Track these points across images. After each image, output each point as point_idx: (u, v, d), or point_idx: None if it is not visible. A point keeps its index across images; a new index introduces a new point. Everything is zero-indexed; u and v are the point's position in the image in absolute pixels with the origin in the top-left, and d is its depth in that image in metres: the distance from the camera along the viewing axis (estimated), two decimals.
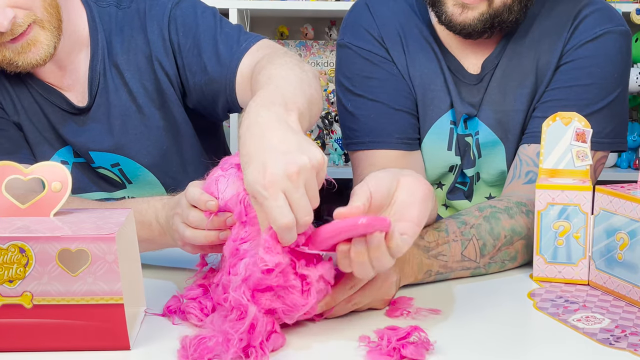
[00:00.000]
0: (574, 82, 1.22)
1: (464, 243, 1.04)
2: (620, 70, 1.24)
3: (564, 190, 1.02)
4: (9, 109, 1.22)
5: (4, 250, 0.78)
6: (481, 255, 1.06)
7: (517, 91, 1.26)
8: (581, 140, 1.05)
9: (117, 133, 1.24)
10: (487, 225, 1.07)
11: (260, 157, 0.79)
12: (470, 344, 0.85)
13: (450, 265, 1.04)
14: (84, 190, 1.27)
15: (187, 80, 1.23)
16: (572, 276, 1.04)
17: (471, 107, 1.28)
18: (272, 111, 0.84)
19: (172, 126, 1.26)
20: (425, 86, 1.30)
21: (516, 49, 1.27)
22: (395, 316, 0.93)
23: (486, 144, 1.29)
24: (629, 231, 0.95)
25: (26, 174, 0.86)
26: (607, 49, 1.23)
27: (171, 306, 0.93)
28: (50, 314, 0.80)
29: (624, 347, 0.83)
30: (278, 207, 0.78)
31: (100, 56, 1.22)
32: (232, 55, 1.18)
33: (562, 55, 1.24)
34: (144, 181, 1.28)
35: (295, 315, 0.83)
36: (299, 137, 0.82)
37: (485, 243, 1.06)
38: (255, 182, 0.78)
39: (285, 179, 0.78)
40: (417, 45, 1.31)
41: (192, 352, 0.79)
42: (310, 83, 1.00)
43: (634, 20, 2.59)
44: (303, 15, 2.86)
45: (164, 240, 1.04)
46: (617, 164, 2.80)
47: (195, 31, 1.21)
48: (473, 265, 1.06)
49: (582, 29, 1.24)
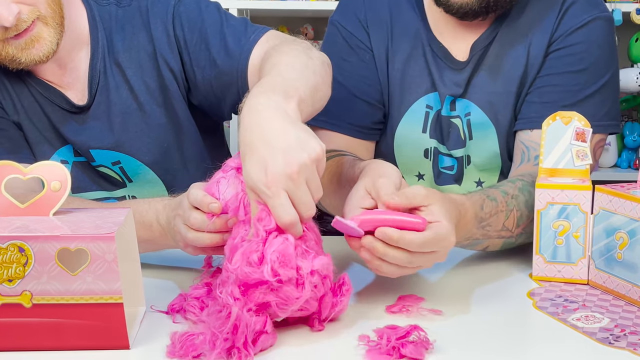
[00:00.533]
0: (566, 68, 1.25)
1: (507, 214, 1.07)
2: (609, 54, 1.27)
3: (563, 189, 1.02)
4: (9, 109, 1.22)
5: (4, 249, 0.78)
6: (517, 226, 1.08)
7: (509, 74, 1.28)
8: (581, 139, 1.05)
9: (117, 131, 1.24)
10: (522, 196, 1.10)
11: (261, 153, 0.82)
12: (470, 343, 0.85)
13: (490, 234, 1.06)
14: (84, 189, 1.27)
15: (194, 76, 1.23)
16: (571, 275, 1.04)
17: (456, 87, 1.30)
18: (271, 99, 0.86)
19: (175, 123, 1.27)
20: (405, 71, 1.33)
21: (509, 33, 1.28)
22: (394, 312, 0.93)
23: (477, 124, 1.30)
24: (629, 230, 0.95)
25: (25, 173, 0.86)
26: (596, 35, 1.26)
27: (175, 304, 0.93)
28: (49, 314, 0.80)
29: (624, 346, 0.83)
30: (281, 206, 0.81)
31: (101, 54, 1.22)
32: (242, 47, 1.18)
33: (552, 42, 1.27)
34: (145, 179, 1.28)
35: (290, 309, 0.83)
36: (297, 128, 0.84)
37: (522, 214, 1.08)
38: (257, 180, 0.81)
39: (286, 179, 0.81)
40: (403, 30, 1.34)
41: (178, 348, 0.79)
42: (316, 70, 1.01)
43: (634, 20, 2.59)
44: (303, 15, 2.86)
45: (165, 241, 1.05)
46: (617, 163, 2.80)
47: (201, 26, 1.21)
48: (507, 235, 1.07)
49: (569, 16, 1.27)
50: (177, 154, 1.29)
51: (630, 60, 2.69)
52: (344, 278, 0.89)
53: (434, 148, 1.34)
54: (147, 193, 1.28)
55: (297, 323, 0.88)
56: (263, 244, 0.81)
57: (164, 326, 0.89)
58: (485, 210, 1.04)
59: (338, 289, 0.89)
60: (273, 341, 0.83)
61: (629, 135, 2.76)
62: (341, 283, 0.89)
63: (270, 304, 0.82)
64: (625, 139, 2.77)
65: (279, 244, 0.81)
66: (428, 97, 1.32)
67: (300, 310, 0.84)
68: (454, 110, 1.31)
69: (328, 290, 0.87)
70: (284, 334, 0.86)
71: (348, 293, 0.89)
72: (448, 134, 1.32)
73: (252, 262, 0.81)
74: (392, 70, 1.33)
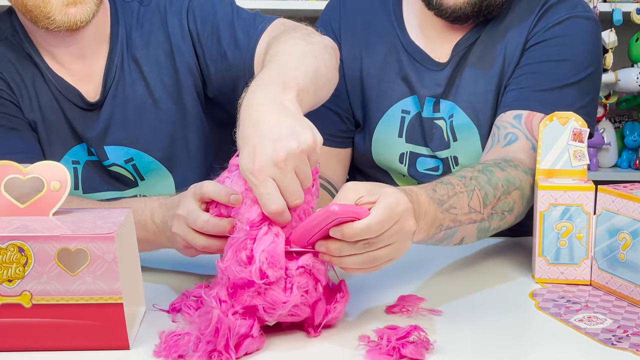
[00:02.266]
0: (545, 58, 1.24)
1: (469, 194, 1.04)
2: (591, 50, 1.26)
3: (566, 190, 1.01)
4: (26, 107, 1.22)
5: (3, 249, 0.78)
6: (484, 206, 1.05)
7: (488, 73, 1.28)
8: (578, 140, 1.05)
9: (131, 126, 1.24)
10: (484, 176, 1.07)
11: (252, 142, 0.82)
12: (471, 343, 0.85)
13: (459, 219, 1.03)
14: (96, 189, 1.27)
15: (207, 69, 1.25)
16: (574, 277, 1.03)
17: (437, 86, 1.30)
18: (268, 92, 0.86)
19: (183, 117, 1.27)
20: (380, 77, 1.34)
21: (491, 35, 1.29)
22: (394, 312, 0.92)
23: (460, 126, 1.29)
24: (632, 231, 0.95)
25: (25, 173, 0.85)
26: (574, 30, 1.25)
27: (176, 304, 0.93)
28: (49, 314, 0.79)
29: (626, 347, 0.83)
30: (267, 194, 0.81)
31: (119, 49, 1.24)
32: (249, 39, 1.19)
33: (529, 38, 1.27)
34: (157, 176, 1.28)
35: (277, 314, 0.82)
36: (293, 119, 0.83)
37: (487, 193, 1.06)
38: (245, 168, 0.82)
39: (272, 166, 0.80)
40: (377, 38, 1.35)
41: (163, 348, 0.80)
42: (316, 54, 1.00)
43: (634, 20, 2.59)
44: (303, 15, 2.85)
45: (159, 240, 1.04)
46: (617, 164, 2.80)
47: (213, 19, 1.23)
48: (479, 218, 1.05)
49: (549, 15, 1.27)
50: (184, 150, 1.28)
51: (630, 60, 2.69)
52: (340, 285, 0.88)
53: (409, 152, 1.34)
54: (158, 193, 1.27)
55: (291, 329, 0.87)
56: (253, 241, 0.81)
57: (164, 326, 0.88)
58: (440, 192, 1.00)
59: (333, 295, 0.87)
60: (260, 345, 0.82)
61: (629, 135, 2.76)
62: (337, 290, 0.88)
63: (257, 308, 0.81)
64: (625, 139, 2.77)
65: (269, 243, 0.80)
66: (405, 102, 1.33)
67: (291, 315, 0.83)
68: (438, 112, 1.31)
69: (321, 296, 0.85)
70: (284, 335, 0.86)
71: (343, 300, 0.87)
72: (431, 136, 1.32)
73: (240, 261, 0.80)
74: (367, 77, 1.35)
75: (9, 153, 1.14)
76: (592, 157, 2.73)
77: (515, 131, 1.19)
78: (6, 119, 1.20)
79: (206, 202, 0.92)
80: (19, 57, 1.23)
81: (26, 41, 1.23)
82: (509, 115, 1.22)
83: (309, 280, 0.83)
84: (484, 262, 1.15)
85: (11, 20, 1.25)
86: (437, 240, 1.01)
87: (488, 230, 1.08)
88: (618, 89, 2.67)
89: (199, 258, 0.99)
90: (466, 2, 1.23)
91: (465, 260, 1.17)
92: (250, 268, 0.79)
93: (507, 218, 1.09)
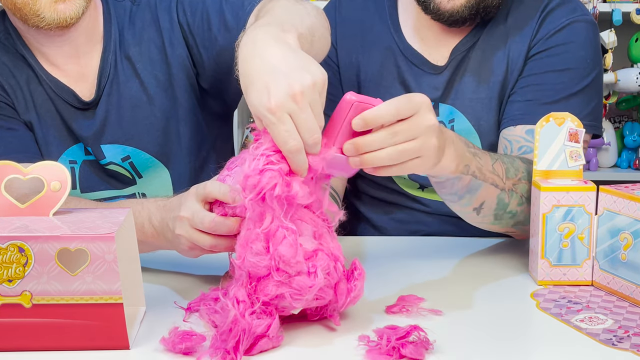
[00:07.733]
0: (548, 68, 1.25)
1: (493, 160, 1.06)
2: (592, 56, 1.26)
3: (568, 191, 1.01)
4: (21, 108, 1.22)
5: (3, 249, 0.78)
6: (506, 177, 1.06)
7: (491, 80, 1.28)
8: (574, 140, 1.05)
9: (127, 124, 1.24)
10: (507, 158, 1.09)
11: (262, 79, 0.79)
12: (471, 343, 0.84)
13: (484, 172, 1.03)
14: (94, 188, 1.27)
15: (200, 58, 1.24)
16: (576, 278, 1.03)
17: (435, 90, 1.30)
18: (268, 32, 0.84)
19: (176, 111, 1.27)
20: (378, 82, 1.34)
21: (491, 39, 1.29)
22: (394, 312, 0.92)
23: (461, 131, 1.29)
24: (633, 231, 0.95)
25: (25, 173, 0.85)
26: (576, 36, 1.26)
27: (193, 304, 0.93)
28: (49, 314, 0.79)
29: (627, 347, 0.83)
30: (286, 131, 0.78)
31: (113, 48, 1.24)
32: (239, 20, 1.19)
33: (531, 46, 1.27)
34: (154, 173, 1.28)
35: (304, 299, 0.81)
36: (299, 54, 0.82)
37: (509, 168, 1.07)
38: (260, 105, 0.78)
39: (290, 101, 0.78)
40: (374, 43, 1.35)
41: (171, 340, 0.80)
42: (310, 12, 1.00)
43: (634, 20, 2.59)
44: None
45: (158, 242, 1.03)
46: (617, 164, 2.80)
47: (203, 7, 1.23)
48: (500, 184, 1.05)
49: (549, 21, 1.27)
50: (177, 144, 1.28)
51: (630, 60, 2.69)
52: (355, 263, 0.88)
53: None
54: (156, 190, 1.28)
55: (296, 322, 0.87)
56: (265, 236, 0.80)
57: (164, 326, 0.88)
58: (466, 141, 1.02)
59: (350, 274, 0.87)
60: (277, 343, 0.82)
61: (629, 135, 2.76)
62: (353, 268, 0.88)
63: (285, 296, 0.81)
64: (625, 139, 2.77)
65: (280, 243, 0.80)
66: None
67: (317, 299, 0.83)
68: (437, 116, 1.30)
69: (342, 276, 0.85)
70: (284, 335, 0.85)
71: (361, 277, 0.87)
72: None
73: (257, 252, 0.80)
74: (364, 82, 1.35)
75: (7, 153, 1.14)
76: (592, 157, 2.73)
77: (529, 145, 1.20)
78: (2, 120, 1.20)
79: (209, 202, 0.92)
80: (13, 59, 1.23)
81: (19, 43, 1.23)
82: (520, 130, 1.22)
83: (329, 262, 0.83)
84: (485, 262, 1.15)
85: (4, 22, 1.25)
86: (463, 187, 1.02)
87: (506, 207, 1.08)
88: (618, 89, 2.67)
89: (199, 258, 0.99)
90: (463, 6, 1.23)
91: (465, 260, 1.17)
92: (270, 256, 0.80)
93: (523, 207, 1.09)
